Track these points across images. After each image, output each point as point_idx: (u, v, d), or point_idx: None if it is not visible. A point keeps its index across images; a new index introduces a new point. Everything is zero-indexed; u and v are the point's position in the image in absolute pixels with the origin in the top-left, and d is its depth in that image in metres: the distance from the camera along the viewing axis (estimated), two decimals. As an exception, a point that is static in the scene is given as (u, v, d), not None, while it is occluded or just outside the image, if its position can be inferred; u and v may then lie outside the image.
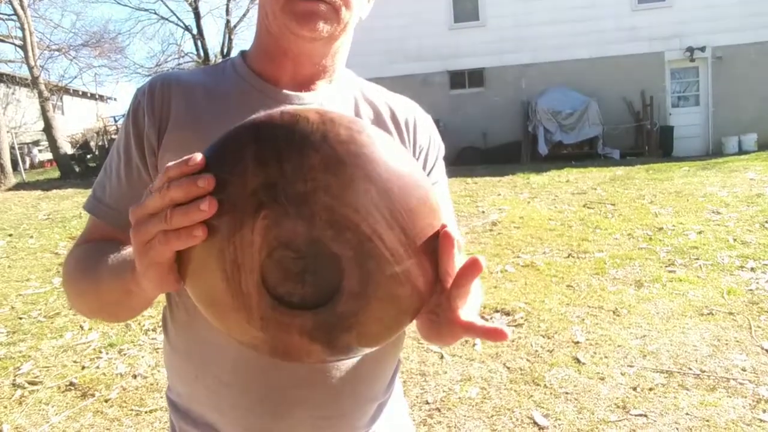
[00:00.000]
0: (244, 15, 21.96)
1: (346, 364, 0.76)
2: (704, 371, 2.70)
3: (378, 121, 0.82)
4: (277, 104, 0.76)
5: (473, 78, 12.82)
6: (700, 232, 5.13)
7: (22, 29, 14.38)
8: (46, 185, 12.15)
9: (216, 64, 0.84)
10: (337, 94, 0.80)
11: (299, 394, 0.74)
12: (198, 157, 0.47)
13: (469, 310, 0.51)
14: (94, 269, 0.69)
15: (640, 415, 2.37)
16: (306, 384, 0.74)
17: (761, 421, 2.27)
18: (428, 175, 0.85)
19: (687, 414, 2.36)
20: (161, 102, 0.75)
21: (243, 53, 0.83)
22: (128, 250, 0.62)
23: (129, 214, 0.50)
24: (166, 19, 23.37)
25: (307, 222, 0.46)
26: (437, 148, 0.87)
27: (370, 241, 0.46)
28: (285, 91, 0.77)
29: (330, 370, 0.75)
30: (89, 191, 0.82)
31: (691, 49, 11.99)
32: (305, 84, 0.78)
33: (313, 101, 0.78)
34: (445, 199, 0.87)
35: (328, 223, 0.46)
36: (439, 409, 2.53)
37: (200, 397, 0.78)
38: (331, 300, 0.48)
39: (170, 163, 0.48)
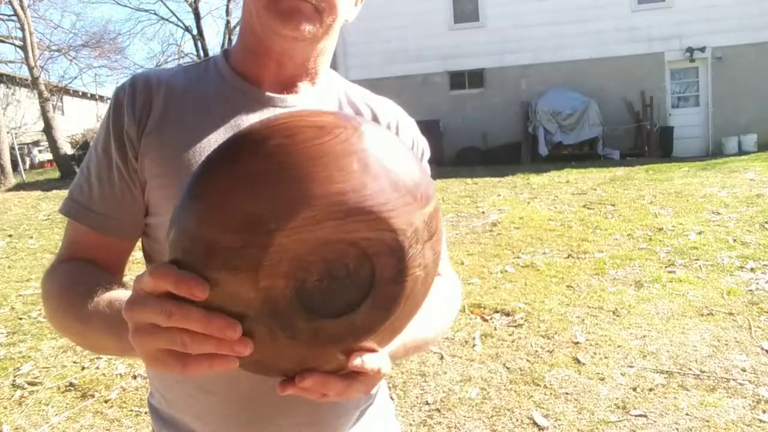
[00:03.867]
0: (244, 15, 21.96)
1: None
2: (704, 372, 2.70)
3: None
4: (260, 106, 0.75)
5: (473, 78, 12.82)
6: (700, 233, 5.14)
7: (22, 30, 14.39)
8: (46, 186, 12.15)
9: (197, 63, 0.82)
10: (321, 97, 0.80)
11: (282, 402, 0.72)
12: (202, 291, 0.44)
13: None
14: (82, 309, 0.64)
15: (640, 415, 2.37)
16: None
17: (761, 421, 2.27)
18: None
19: (687, 414, 2.36)
20: (142, 101, 0.73)
21: (225, 52, 0.81)
22: (123, 296, 0.58)
23: (123, 311, 0.48)
24: (166, 20, 23.43)
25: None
26: (421, 151, 0.86)
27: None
28: (268, 93, 0.76)
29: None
30: None
31: (690, 50, 11.99)
32: (288, 85, 0.77)
33: (297, 104, 0.77)
34: None
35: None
36: (439, 410, 2.53)
37: (182, 404, 0.77)
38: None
39: (158, 273, 0.45)
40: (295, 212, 0.43)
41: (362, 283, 0.48)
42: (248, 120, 0.74)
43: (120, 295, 0.63)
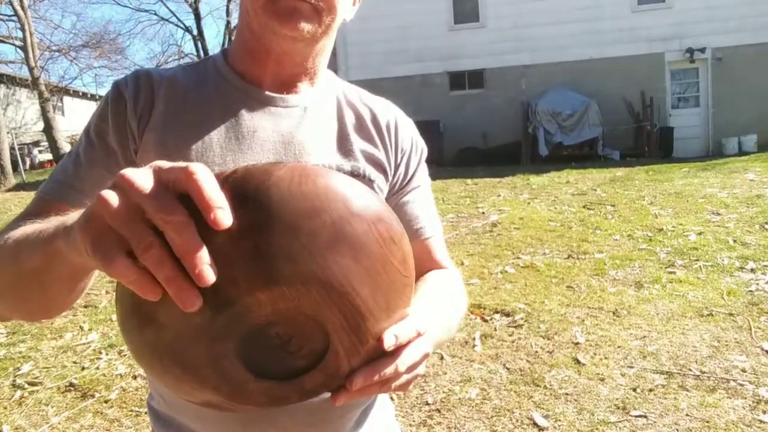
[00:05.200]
0: (245, 16, 21.98)
1: None
2: (704, 372, 2.70)
3: (360, 124, 0.81)
4: (259, 105, 0.75)
5: (473, 79, 12.83)
6: (700, 233, 5.14)
7: (23, 30, 14.41)
8: (46, 186, 12.12)
9: (196, 62, 0.82)
10: (321, 97, 0.80)
11: None
12: (226, 220, 0.40)
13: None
14: (22, 233, 0.59)
15: (640, 416, 2.37)
16: None
17: (761, 422, 2.27)
18: (411, 178, 0.84)
19: (687, 415, 2.36)
20: (145, 97, 0.73)
21: (224, 51, 0.81)
22: (73, 214, 0.50)
23: (118, 174, 0.41)
24: (167, 20, 23.49)
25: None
26: (420, 151, 0.86)
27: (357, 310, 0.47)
28: (268, 92, 0.76)
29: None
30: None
31: (691, 50, 12.00)
32: (287, 85, 0.77)
33: (297, 104, 0.77)
34: (427, 201, 0.86)
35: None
36: (439, 410, 2.53)
37: (182, 405, 0.76)
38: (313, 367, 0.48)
39: (200, 173, 0.39)
40: (345, 290, 0.44)
41: (288, 368, 0.48)
42: (250, 120, 0.74)
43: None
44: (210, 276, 0.39)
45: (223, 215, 0.39)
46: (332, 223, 0.44)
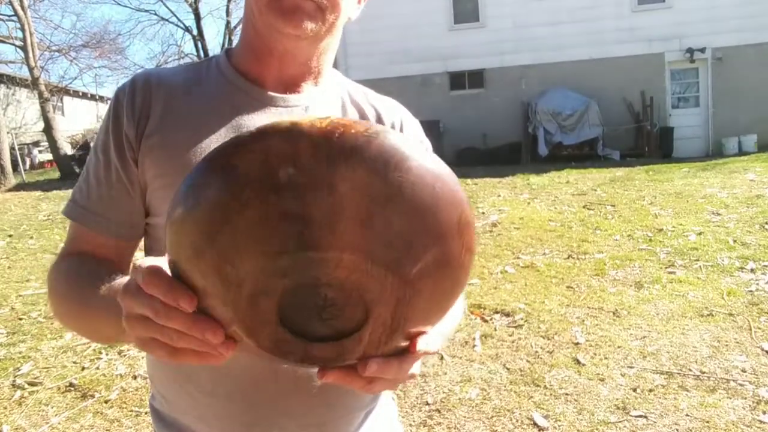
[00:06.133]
0: (245, 16, 21.95)
1: None
2: (704, 372, 2.70)
3: None
4: (261, 105, 0.75)
5: (473, 79, 12.82)
6: (700, 234, 5.13)
7: (23, 30, 14.39)
8: (47, 186, 12.15)
9: (199, 62, 0.81)
10: (324, 97, 0.79)
11: (284, 405, 0.72)
12: (189, 303, 0.45)
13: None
14: (85, 296, 0.66)
15: (640, 416, 2.37)
16: (291, 394, 0.72)
17: (761, 422, 2.27)
18: None
19: (687, 415, 2.36)
20: (142, 102, 0.73)
21: (227, 51, 0.81)
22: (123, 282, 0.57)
23: (118, 296, 0.50)
24: (167, 20, 23.46)
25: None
26: None
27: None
28: (270, 92, 0.75)
29: (315, 381, 0.72)
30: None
31: (691, 50, 11.99)
32: (291, 85, 0.77)
33: (299, 103, 0.76)
34: None
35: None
36: (439, 410, 2.53)
37: (184, 405, 0.77)
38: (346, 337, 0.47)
39: (151, 275, 0.46)
40: (412, 293, 0.45)
41: (307, 328, 0.47)
42: (250, 119, 0.74)
43: (121, 281, 0.62)
44: (215, 335, 0.46)
45: (184, 302, 0.45)
46: (438, 231, 0.44)
